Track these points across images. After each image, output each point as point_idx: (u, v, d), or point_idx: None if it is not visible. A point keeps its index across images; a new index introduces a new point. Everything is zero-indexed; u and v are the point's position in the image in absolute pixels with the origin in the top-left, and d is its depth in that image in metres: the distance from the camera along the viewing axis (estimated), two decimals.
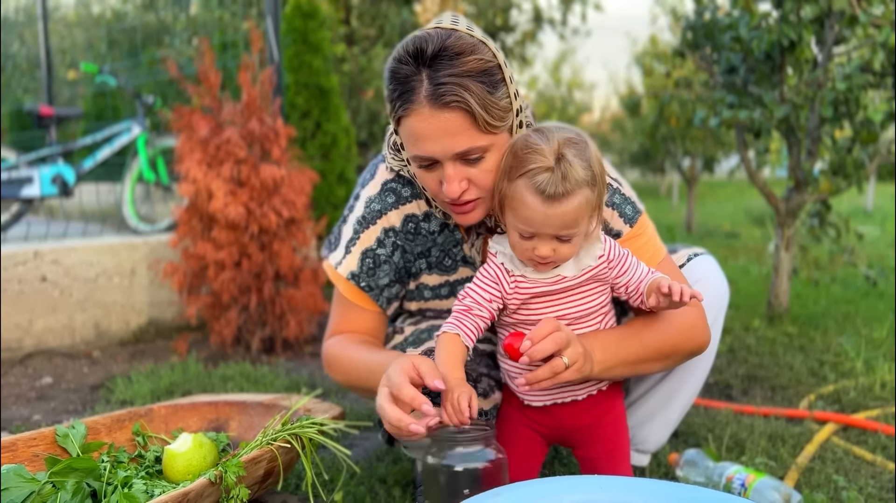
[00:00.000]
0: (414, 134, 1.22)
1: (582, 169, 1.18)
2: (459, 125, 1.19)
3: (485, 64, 1.20)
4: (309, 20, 4.18)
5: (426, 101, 1.19)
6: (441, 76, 1.18)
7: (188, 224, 3.06)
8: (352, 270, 1.46)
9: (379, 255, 1.45)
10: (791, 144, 3.32)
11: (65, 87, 7.10)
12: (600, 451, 1.40)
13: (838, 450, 1.99)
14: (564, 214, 1.19)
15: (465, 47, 1.20)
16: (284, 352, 3.07)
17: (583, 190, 1.19)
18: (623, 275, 1.32)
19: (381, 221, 1.44)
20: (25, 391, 2.61)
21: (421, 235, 1.45)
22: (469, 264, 1.48)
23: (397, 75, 1.22)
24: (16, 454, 1.27)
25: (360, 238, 1.45)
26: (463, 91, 1.17)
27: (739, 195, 14.67)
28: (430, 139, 1.21)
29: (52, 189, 4.21)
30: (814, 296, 4.11)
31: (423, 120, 1.20)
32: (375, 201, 1.45)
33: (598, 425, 1.39)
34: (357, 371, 1.40)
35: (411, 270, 1.49)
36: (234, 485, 1.16)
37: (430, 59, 1.19)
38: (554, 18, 10.03)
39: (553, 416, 1.38)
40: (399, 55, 1.22)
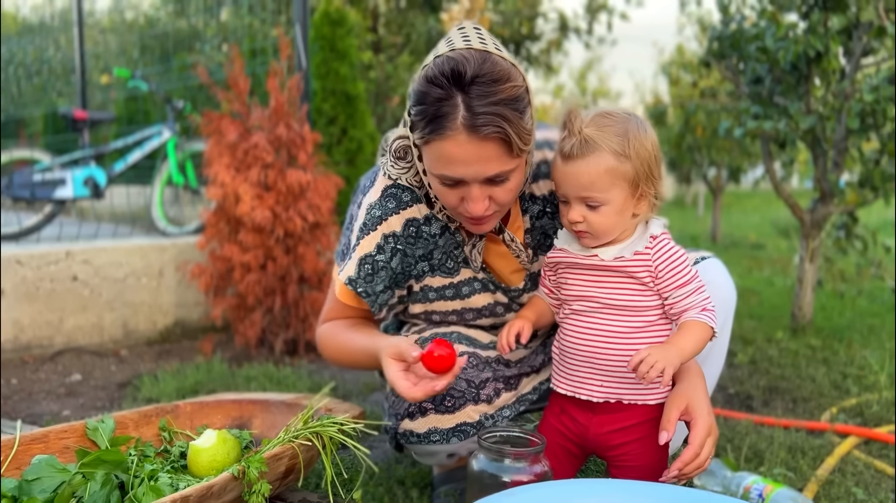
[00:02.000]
0: (445, 157, 1.24)
1: (601, 135, 1.25)
2: (496, 153, 1.22)
3: (517, 90, 1.23)
4: (337, 28, 4.24)
5: (463, 128, 1.20)
6: (479, 105, 1.19)
7: (215, 227, 3.12)
8: (349, 276, 1.49)
9: (377, 262, 1.47)
10: (817, 155, 3.30)
11: (98, 92, 7.25)
12: (631, 477, 1.36)
13: (859, 463, 1.98)
14: (578, 174, 1.26)
15: (502, 74, 1.21)
16: (307, 355, 3.11)
17: (600, 154, 1.25)
18: (671, 291, 1.31)
19: (381, 227, 1.45)
20: (55, 387, 2.68)
21: (422, 238, 1.47)
22: (471, 266, 1.51)
23: (430, 97, 1.22)
24: (48, 445, 1.31)
25: (361, 244, 1.47)
26: (502, 121, 1.19)
27: (766, 206, 14.51)
28: (464, 164, 1.23)
29: (84, 191, 4.31)
30: (839, 309, 4.06)
31: (459, 146, 1.21)
32: (376, 207, 1.46)
33: (630, 451, 1.36)
34: (351, 352, 1.52)
35: (411, 273, 1.51)
36: (256, 480, 1.20)
37: (467, 85, 1.20)
38: (580, 27, 10.04)
39: (580, 426, 1.38)
40: (432, 76, 1.22)
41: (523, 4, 8.67)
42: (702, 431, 1.27)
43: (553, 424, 1.42)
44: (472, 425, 1.44)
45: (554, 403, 1.44)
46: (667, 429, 1.26)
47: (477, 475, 1.18)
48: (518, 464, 1.17)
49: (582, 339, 1.35)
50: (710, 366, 1.64)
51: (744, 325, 3.64)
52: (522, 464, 1.18)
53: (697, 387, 1.32)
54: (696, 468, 1.26)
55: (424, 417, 1.44)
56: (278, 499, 1.42)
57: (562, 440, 1.40)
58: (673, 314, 1.33)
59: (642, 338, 1.33)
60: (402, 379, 1.30)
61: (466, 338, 1.51)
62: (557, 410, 1.42)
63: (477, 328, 1.59)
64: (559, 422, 1.41)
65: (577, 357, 1.36)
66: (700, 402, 1.30)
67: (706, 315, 1.30)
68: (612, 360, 1.34)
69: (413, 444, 1.49)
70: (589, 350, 1.35)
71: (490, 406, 1.46)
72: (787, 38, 3.08)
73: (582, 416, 1.38)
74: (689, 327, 1.29)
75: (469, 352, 1.47)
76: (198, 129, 3.34)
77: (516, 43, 9.43)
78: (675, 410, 1.29)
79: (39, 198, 4.26)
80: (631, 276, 1.32)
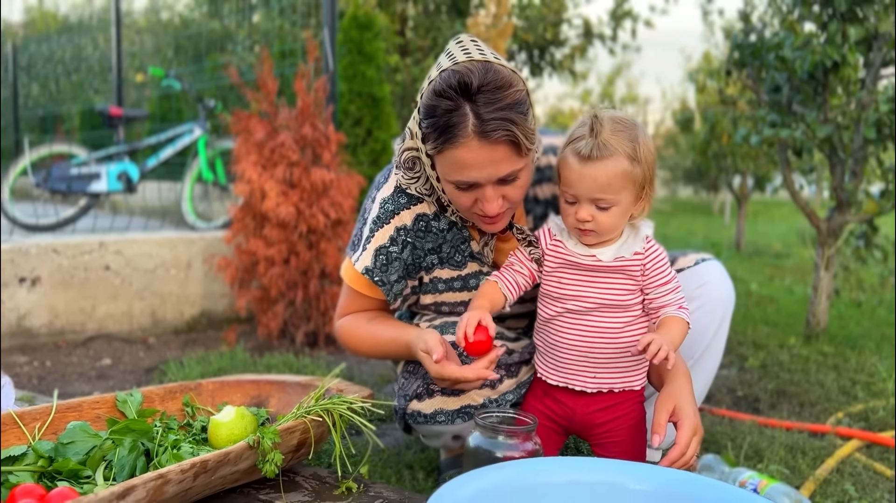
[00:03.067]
0: (459, 163, 1.33)
1: (616, 139, 1.32)
2: (506, 154, 1.31)
3: (520, 94, 1.32)
4: (365, 31, 4.35)
5: (475, 134, 1.29)
6: (487, 111, 1.28)
7: (242, 222, 3.24)
8: (366, 265, 1.57)
9: (391, 253, 1.56)
10: (833, 164, 3.33)
11: (133, 90, 7.45)
12: (614, 452, 1.47)
13: (858, 464, 2.02)
14: (596, 176, 1.32)
15: (504, 81, 1.30)
16: (326, 347, 3.22)
17: (618, 158, 1.32)
18: (654, 288, 1.41)
19: (394, 221, 1.55)
20: (87, 370, 2.81)
21: (431, 233, 1.56)
22: (477, 260, 1.59)
23: (440, 109, 1.30)
24: (81, 414, 1.42)
25: (375, 236, 1.56)
26: (509, 125, 1.28)
27: (794, 215, 14.37)
28: (477, 168, 1.32)
29: (117, 185, 4.46)
30: (856, 318, 4.07)
31: (472, 151, 1.30)
32: (389, 202, 1.56)
33: (614, 427, 1.47)
34: (379, 344, 1.59)
35: (421, 265, 1.59)
36: (270, 450, 1.29)
37: (473, 94, 1.29)
38: (604, 34, 10.06)
39: (566, 408, 1.47)
40: (441, 89, 1.30)
41: (548, 10, 8.73)
42: (687, 432, 1.35)
43: (536, 406, 1.50)
44: (476, 407, 1.53)
45: (537, 388, 1.53)
46: (658, 433, 1.34)
47: (473, 451, 1.26)
48: (511, 441, 1.25)
49: (578, 336, 1.43)
50: (706, 365, 1.71)
51: (758, 331, 3.68)
52: (515, 442, 1.25)
53: (683, 388, 1.41)
54: (683, 466, 1.34)
55: (431, 399, 1.53)
56: (290, 472, 1.52)
57: (544, 421, 1.49)
58: (652, 308, 1.43)
59: (630, 333, 1.43)
60: (444, 366, 1.38)
61: None
62: (540, 394, 1.51)
63: None
64: (543, 404, 1.50)
65: (571, 352, 1.44)
66: (686, 404, 1.38)
67: (683, 312, 1.41)
68: (606, 354, 1.43)
69: (420, 425, 1.59)
70: (585, 346, 1.43)
71: (494, 391, 1.54)
72: (805, 48, 3.12)
73: (569, 400, 1.47)
74: (673, 321, 1.39)
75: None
76: (227, 127, 3.46)
77: (540, 48, 9.50)
78: (664, 413, 1.37)
79: (75, 191, 4.42)
80: (625, 275, 1.41)
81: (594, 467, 1.12)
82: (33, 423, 1.36)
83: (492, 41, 4.89)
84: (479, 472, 1.07)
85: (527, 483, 1.08)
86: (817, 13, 3.19)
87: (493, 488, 1.06)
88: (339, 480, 1.47)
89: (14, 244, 3.09)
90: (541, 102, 22.92)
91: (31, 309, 3.11)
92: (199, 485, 1.23)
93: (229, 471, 1.29)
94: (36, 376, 2.70)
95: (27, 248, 3.10)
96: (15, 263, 3.07)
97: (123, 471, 1.27)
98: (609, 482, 1.09)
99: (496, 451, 1.24)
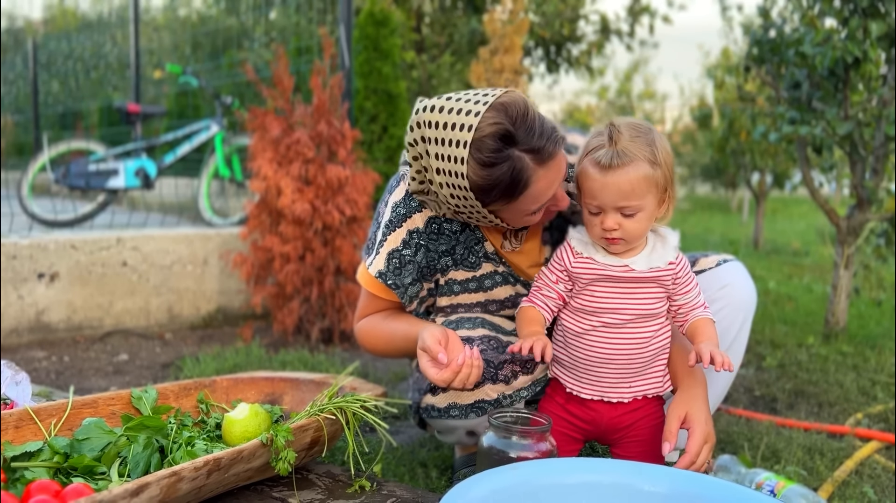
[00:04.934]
0: (534, 196, 1.40)
1: (635, 145, 1.33)
2: (562, 159, 1.43)
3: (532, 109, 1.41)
4: (381, 28, 4.35)
5: (538, 165, 1.37)
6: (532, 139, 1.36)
7: (258, 218, 3.25)
8: (379, 269, 1.58)
9: (404, 256, 1.56)
10: (854, 162, 3.29)
11: (151, 86, 7.51)
12: (634, 452, 1.47)
13: (878, 466, 2.00)
14: (619, 184, 1.32)
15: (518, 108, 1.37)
16: (341, 343, 3.22)
17: (639, 164, 1.32)
18: (681, 295, 1.42)
19: (406, 224, 1.56)
20: (104, 365, 2.84)
21: (444, 234, 1.57)
22: (491, 260, 1.59)
23: (496, 175, 1.35)
24: (97, 410, 1.43)
25: (388, 240, 1.57)
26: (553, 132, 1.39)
27: (813, 213, 14.22)
28: (549, 186, 1.41)
29: (135, 181, 4.50)
30: (876, 317, 4.02)
31: (542, 178, 1.38)
32: (401, 205, 1.57)
33: (636, 427, 1.47)
34: (394, 341, 1.60)
35: (436, 267, 1.60)
36: (283, 448, 1.29)
37: (514, 139, 1.35)
38: (621, 30, 9.99)
39: (595, 412, 1.46)
40: (488, 160, 1.33)
41: (565, 6, 8.68)
42: (698, 440, 1.35)
43: (557, 413, 1.49)
44: (489, 402, 1.52)
45: (556, 395, 1.51)
46: (669, 440, 1.35)
47: (486, 451, 1.25)
48: (524, 441, 1.24)
49: (615, 350, 1.42)
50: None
51: (776, 330, 3.64)
52: (529, 442, 1.24)
53: (697, 397, 1.41)
54: None
55: (445, 393, 1.53)
56: (304, 469, 1.52)
57: (564, 428, 1.48)
58: (681, 313, 1.44)
59: (660, 340, 1.44)
60: (430, 367, 1.41)
61: (490, 324, 1.60)
62: (562, 401, 1.50)
63: (501, 317, 1.67)
64: (564, 411, 1.49)
65: (608, 365, 1.43)
66: (699, 411, 1.38)
67: (708, 312, 1.43)
68: (640, 363, 1.44)
69: (434, 419, 1.59)
70: (622, 358, 1.42)
71: (508, 387, 1.54)
72: (825, 44, 3.08)
73: (596, 405, 1.47)
74: (705, 324, 1.41)
75: (490, 336, 1.55)
76: (244, 124, 3.47)
77: (557, 45, 9.45)
78: (675, 421, 1.37)
79: (93, 187, 4.46)
80: (658, 284, 1.41)
81: (608, 468, 1.12)
82: (49, 419, 1.37)
83: (508, 37, 4.87)
84: (493, 473, 1.06)
85: (540, 483, 1.08)
86: (838, 8, 3.15)
87: (506, 489, 1.06)
88: (353, 478, 1.47)
89: (33, 240, 3.12)
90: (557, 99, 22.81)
91: (49, 304, 3.14)
92: (213, 482, 1.24)
93: (243, 469, 1.30)
94: (54, 371, 2.73)
95: (46, 244, 3.13)
96: (34, 259, 3.10)
97: (138, 467, 1.28)
98: (623, 483, 1.08)
99: (510, 451, 1.23)
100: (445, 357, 1.38)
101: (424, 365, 1.41)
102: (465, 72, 6.13)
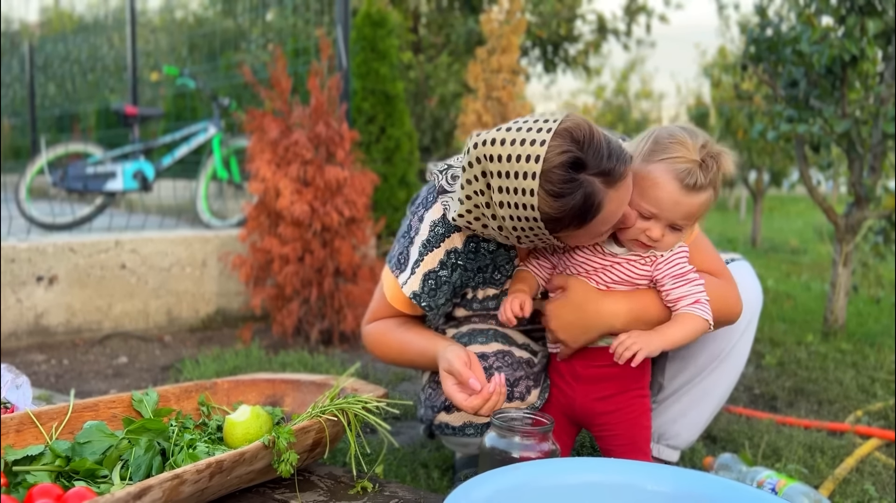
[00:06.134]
0: (608, 217, 1.32)
1: (714, 172, 1.34)
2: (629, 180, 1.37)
3: (596, 130, 1.33)
4: (378, 28, 4.35)
5: (607, 187, 1.28)
6: (599, 162, 1.29)
7: (256, 220, 3.25)
8: (414, 290, 1.53)
9: (441, 277, 1.51)
10: (852, 160, 3.29)
11: (148, 88, 7.50)
12: (615, 445, 1.49)
13: (878, 464, 2.00)
14: (692, 206, 1.34)
15: (583, 133, 1.29)
16: (341, 345, 3.22)
17: (710, 190, 1.35)
18: (665, 279, 1.42)
19: (444, 244, 1.50)
20: (103, 368, 2.83)
21: (480, 253, 1.52)
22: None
23: (570, 205, 1.27)
24: (98, 413, 1.43)
25: (425, 260, 1.52)
26: (620, 152, 1.32)
27: (810, 211, 14.23)
28: (621, 206, 1.34)
29: (133, 184, 4.49)
30: (875, 315, 4.03)
31: (613, 200, 1.30)
32: (439, 225, 1.50)
33: (614, 421, 1.48)
34: (407, 353, 1.58)
35: (468, 285, 1.57)
36: (285, 449, 1.29)
37: (581, 164, 1.26)
38: (618, 29, 10.00)
39: (567, 396, 1.50)
40: (559, 191, 1.26)
41: (562, 6, 8.69)
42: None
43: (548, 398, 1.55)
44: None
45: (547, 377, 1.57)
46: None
47: (488, 451, 1.25)
48: (527, 441, 1.24)
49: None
50: (731, 367, 1.68)
51: (775, 328, 3.64)
52: (531, 442, 1.24)
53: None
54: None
55: (460, 412, 1.52)
56: (306, 471, 1.52)
57: (556, 410, 1.53)
58: (668, 302, 1.42)
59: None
60: (457, 392, 1.40)
61: (502, 336, 1.57)
62: (549, 383, 1.55)
63: (514, 329, 1.65)
64: (549, 394, 1.54)
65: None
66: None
67: (699, 308, 1.38)
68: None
69: (448, 436, 1.58)
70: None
71: (523, 402, 1.53)
72: (822, 42, 3.09)
73: (567, 388, 1.50)
74: (681, 318, 1.39)
75: (504, 351, 1.54)
76: (242, 125, 3.47)
77: (554, 44, 9.45)
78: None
79: (91, 190, 4.45)
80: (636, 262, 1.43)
81: (611, 468, 1.12)
82: (50, 423, 1.37)
83: (505, 37, 4.87)
84: (496, 473, 1.06)
85: (543, 483, 1.08)
86: (835, 6, 3.15)
87: (509, 489, 1.06)
88: (355, 480, 1.47)
89: (32, 243, 3.12)
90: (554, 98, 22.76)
91: (48, 307, 3.14)
92: (215, 484, 1.24)
93: (245, 471, 1.29)
94: (53, 374, 2.72)
95: (44, 247, 3.13)
96: (32, 262, 3.10)
97: (140, 470, 1.28)
98: (626, 483, 1.08)
99: (512, 452, 1.23)
100: (478, 384, 1.36)
101: (450, 389, 1.39)
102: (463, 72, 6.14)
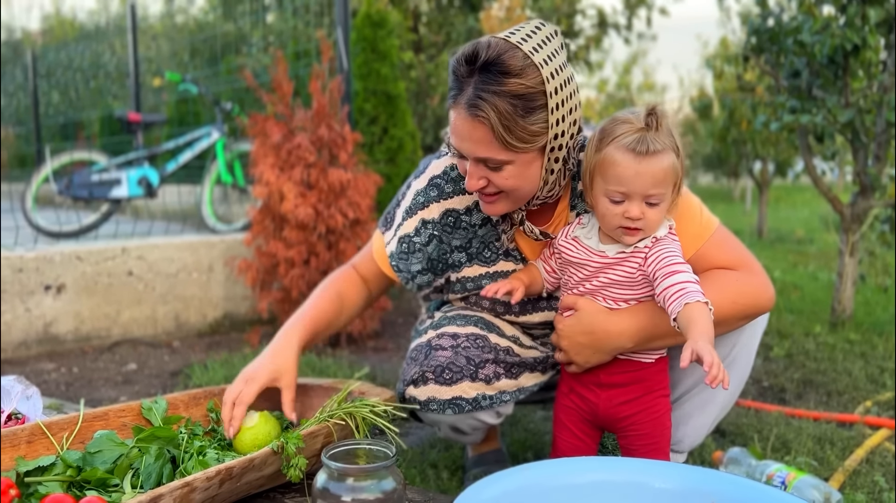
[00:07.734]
0: (452, 127, 1.37)
1: (667, 134, 1.32)
2: (481, 136, 1.31)
3: (525, 89, 1.27)
4: (378, 29, 4.35)
5: (463, 105, 1.31)
6: (480, 89, 1.28)
7: (261, 224, 3.26)
8: (391, 251, 1.63)
9: (414, 243, 1.58)
10: (856, 149, 3.28)
11: (150, 95, 7.52)
12: (638, 445, 1.47)
13: (888, 454, 2.00)
14: (655, 172, 1.30)
15: (514, 68, 1.26)
16: (348, 346, 3.23)
17: (669, 153, 1.31)
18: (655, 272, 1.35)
19: (421, 213, 1.57)
20: (113, 375, 2.85)
21: (461, 229, 1.56)
22: (511, 257, 1.57)
23: (454, 72, 1.35)
24: (107, 422, 1.44)
25: (403, 225, 1.60)
26: (490, 109, 1.27)
27: (816, 201, 14.17)
28: (460, 137, 1.34)
29: (138, 190, 4.51)
30: (883, 304, 4.01)
31: (458, 119, 1.33)
32: (421, 194, 1.58)
33: (637, 421, 1.46)
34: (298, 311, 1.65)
35: (448, 261, 1.59)
36: (294, 455, 1.30)
37: (479, 69, 1.29)
38: (618, 23, 9.97)
39: (589, 403, 1.46)
40: (459, 55, 1.34)
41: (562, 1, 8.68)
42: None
43: (564, 403, 1.51)
44: (467, 400, 1.52)
45: (563, 384, 1.52)
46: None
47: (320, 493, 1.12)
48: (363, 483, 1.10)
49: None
50: (739, 364, 1.66)
51: (782, 319, 3.63)
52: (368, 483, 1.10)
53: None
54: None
55: (425, 386, 1.53)
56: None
57: (572, 415, 1.49)
58: (660, 296, 1.33)
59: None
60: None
61: (485, 323, 1.59)
62: (566, 390, 1.51)
63: (504, 321, 1.65)
64: (569, 401, 1.49)
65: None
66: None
67: (697, 295, 1.28)
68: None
69: (418, 411, 1.60)
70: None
71: (488, 387, 1.54)
72: (824, 32, 3.07)
73: (590, 394, 1.46)
74: (690, 312, 1.26)
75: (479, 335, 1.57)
76: (245, 130, 3.48)
77: None
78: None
79: (97, 197, 4.47)
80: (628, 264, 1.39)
81: (619, 467, 1.12)
82: (61, 433, 1.38)
83: None
84: (505, 474, 1.07)
85: (552, 484, 1.08)
86: None
87: (518, 489, 1.06)
88: None
89: (39, 252, 3.14)
90: None
91: (56, 316, 3.16)
92: (225, 491, 1.24)
93: (255, 477, 1.30)
94: (63, 383, 2.74)
95: (52, 256, 3.14)
96: (40, 271, 3.11)
97: (150, 478, 1.29)
98: (635, 481, 1.09)
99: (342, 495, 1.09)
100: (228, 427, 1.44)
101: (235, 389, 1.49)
102: None
